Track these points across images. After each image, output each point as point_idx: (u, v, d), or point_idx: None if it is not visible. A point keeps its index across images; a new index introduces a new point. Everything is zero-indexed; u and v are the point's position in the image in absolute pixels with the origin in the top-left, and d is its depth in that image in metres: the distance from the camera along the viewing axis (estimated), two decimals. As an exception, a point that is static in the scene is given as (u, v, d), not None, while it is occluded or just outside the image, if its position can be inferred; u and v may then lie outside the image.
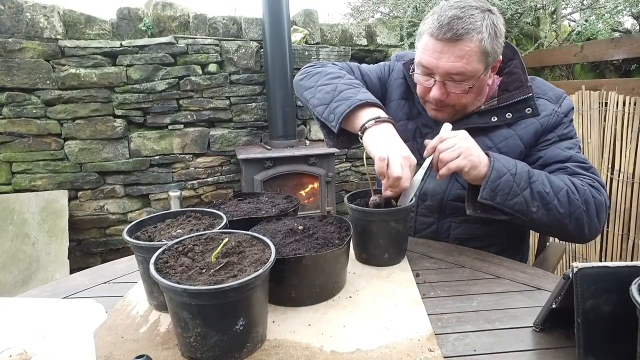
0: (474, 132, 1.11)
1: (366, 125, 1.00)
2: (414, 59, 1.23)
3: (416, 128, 1.22)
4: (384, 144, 0.95)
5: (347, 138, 1.13)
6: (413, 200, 0.98)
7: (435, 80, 1.04)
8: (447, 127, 1.02)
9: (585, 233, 0.99)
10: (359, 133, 1.02)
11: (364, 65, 1.33)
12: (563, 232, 1.00)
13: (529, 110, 1.08)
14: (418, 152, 1.20)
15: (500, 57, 1.08)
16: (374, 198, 0.98)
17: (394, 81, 1.28)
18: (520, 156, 1.09)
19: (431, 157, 0.98)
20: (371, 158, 0.96)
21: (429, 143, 0.98)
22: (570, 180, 0.99)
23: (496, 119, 1.10)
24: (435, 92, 1.05)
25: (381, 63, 1.35)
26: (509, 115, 1.09)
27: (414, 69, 1.13)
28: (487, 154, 0.97)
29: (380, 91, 1.28)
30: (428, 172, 1.01)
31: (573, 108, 1.12)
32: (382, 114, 1.02)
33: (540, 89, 1.12)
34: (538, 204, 0.95)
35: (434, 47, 1.01)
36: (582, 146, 2.46)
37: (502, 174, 0.94)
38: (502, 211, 0.96)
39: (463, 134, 0.96)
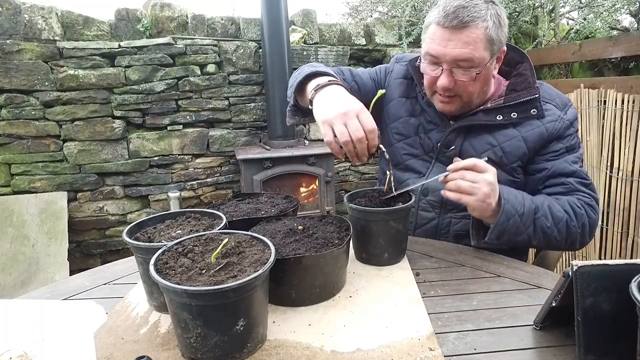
0: (479, 130, 1.13)
1: (309, 97, 1.02)
2: (414, 58, 1.24)
3: (419, 124, 1.23)
4: (324, 117, 0.93)
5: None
6: (412, 199, 0.98)
7: (442, 69, 1.05)
8: (484, 159, 0.98)
9: (576, 247, 1.07)
10: (310, 107, 1.03)
11: (358, 69, 1.36)
12: (555, 249, 1.14)
13: (534, 111, 1.10)
14: (421, 146, 1.22)
15: (505, 47, 1.10)
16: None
17: (394, 81, 1.30)
18: (522, 158, 1.10)
19: (446, 173, 0.96)
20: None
21: (459, 163, 0.94)
22: (570, 207, 1.03)
23: (501, 117, 1.11)
24: (443, 80, 1.06)
25: (378, 66, 1.38)
26: (514, 114, 1.10)
27: (418, 61, 1.16)
28: (499, 198, 0.95)
29: (374, 90, 1.29)
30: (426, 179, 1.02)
31: (577, 118, 1.14)
32: (325, 80, 1.02)
33: (548, 93, 1.14)
34: (539, 237, 1.00)
35: (442, 35, 1.03)
36: (581, 145, 2.46)
37: (511, 216, 0.95)
38: (505, 243, 1.01)
39: (492, 175, 0.93)
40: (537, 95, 1.09)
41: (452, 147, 1.16)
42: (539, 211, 0.99)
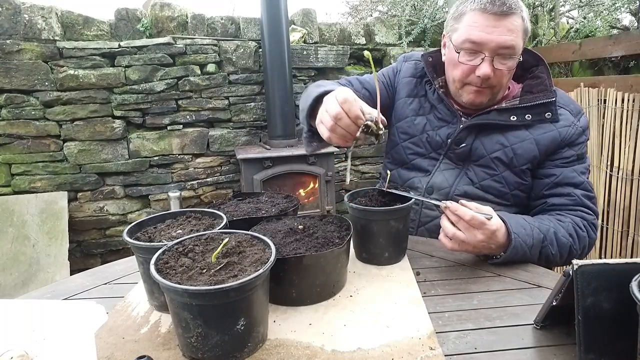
0: (491, 130, 1.13)
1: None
2: (427, 53, 1.25)
3: (426, 123, 1.23)
4: (317, 123, 0.93)
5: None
6: (412, 199, 0.98)
7: (484, 57, 1.05)
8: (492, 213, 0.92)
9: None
10: None
11: (364, 75, 1.36)
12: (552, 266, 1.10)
13: (548, 114, 1.10)
14: (428, 144, 1.22)
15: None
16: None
17: (402, 80, 1.30)
18: (533, 161, 1.10)
19: (445, 203, 0.91)
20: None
21: (459, 209, 0.88)
22: (574, 230, 1.03)
23: (515, 118, 1.11)
24: (485, 69, 1.05)
25: (385, 68, 1.38)
26: (528, 116, 1.10)
27: (430, 57, 1.18)
28: (508, 232, 0.92)
29: (384, 93, 1.31)
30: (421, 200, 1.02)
31: (588, 127, 1.14)
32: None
33: (563, 99, 1.14)
34: (542, 262, 1.00)
35: (486, 21, 1.03)
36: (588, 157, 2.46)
37: (520, 249, 0.93)
38: None
39: (494, 236, 0.90)
40: (553, 99, 1.09)
41: (463, 145, 1.15)
42: (546, 240, 0.99)
